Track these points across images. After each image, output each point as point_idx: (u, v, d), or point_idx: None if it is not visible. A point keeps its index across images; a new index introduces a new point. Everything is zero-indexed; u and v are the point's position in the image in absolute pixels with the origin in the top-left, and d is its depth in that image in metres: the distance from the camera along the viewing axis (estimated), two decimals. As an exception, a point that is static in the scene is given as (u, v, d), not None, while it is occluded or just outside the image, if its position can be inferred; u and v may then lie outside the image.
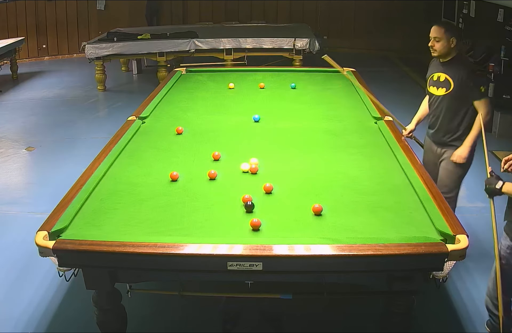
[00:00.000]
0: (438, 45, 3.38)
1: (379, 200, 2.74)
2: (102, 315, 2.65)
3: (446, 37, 3.35)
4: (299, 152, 3.41)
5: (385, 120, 3.87)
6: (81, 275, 2.46)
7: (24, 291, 3.45)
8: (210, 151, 3.32)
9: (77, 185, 2.88)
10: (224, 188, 2.91)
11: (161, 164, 3.24)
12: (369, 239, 2.34)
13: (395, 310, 2.55)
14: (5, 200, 4.78)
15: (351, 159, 3.27)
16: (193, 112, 4.21)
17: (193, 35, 8.11)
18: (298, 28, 9.04)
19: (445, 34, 3.34)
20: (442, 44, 3.37)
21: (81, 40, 9.26)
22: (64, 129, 6.61)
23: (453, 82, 3.42)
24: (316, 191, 2.86)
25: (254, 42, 7.97)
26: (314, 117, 4.09)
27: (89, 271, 2.43)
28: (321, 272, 2.41)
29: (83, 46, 7.83)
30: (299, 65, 7.86)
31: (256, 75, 5.29)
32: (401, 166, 3.10)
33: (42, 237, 2.35)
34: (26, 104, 7.75)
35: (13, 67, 9.02)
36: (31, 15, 10.40)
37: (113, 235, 2.41)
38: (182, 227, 2.51)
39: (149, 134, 3.73)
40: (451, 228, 2.40)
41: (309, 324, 3.13)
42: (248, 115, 4.02)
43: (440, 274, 2.34)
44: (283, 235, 2.42)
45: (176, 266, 2.35)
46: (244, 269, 2.27)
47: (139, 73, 9.46)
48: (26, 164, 5.71)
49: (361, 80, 4.97)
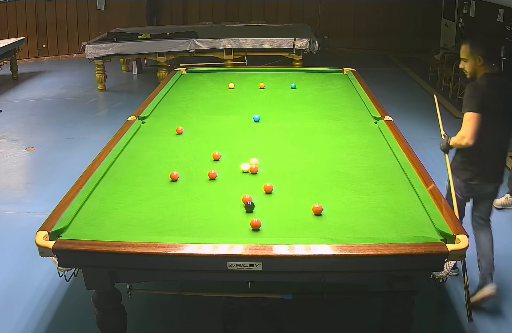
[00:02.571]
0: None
1: (379, 200, 2.74)
2: (102, 315, 2.64)
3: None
4: (299, 152, 3.41)
5: (385, 120, 3.87)
6: (81, 275, 2.46)
7: (24, 291, 3.44)
8: (210, 151, 3.32)
9: (77, 185, 2.88)
10: (224, 188, 2.91)
11: (161, 164, 3.24)
12: (369, 239, 2.34)
13: (395, 310, 2.55)
14: (5, 200, 4.78)
15: (351, 159, 3.27)
16: (193, 112, 4.21)
17: (193, 35, 8.11)
18: (298, 28, 9.05)
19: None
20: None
21: (81, 40, 9.26)
22: (64, 129, 6.60)
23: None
24: (316, 191, 2.86)
25: (254, 42, 7.97)
26: (314, 117, 4.09)
27: (89, 271, 2.43)
28: (321, 272, 2.41)
29: (83, 46, 7.83)
30: (299, 65, 7.87)
31: (256, 75, 5.29)
32: (401, 166, 3.10)
33: (42, 237, 2.35)
34: (26, 104, 7.75)
35: (13, 67, 9.02)
36: (31, 15, 10.40)
37: (113, 235, 2.41)
38: (182, 227, 2.51)
39: (149, 134, 3.73)
40: (451, 228, 2.40)
41: (309, 324, 3.13)
42: (248, 115, 4.02)
43: (440, 274, 2.34)
44: (283, 235, 2.41)
45: (176, 266, 2.35)
46: (244, 269, 2.27)
47: (139, 73, 9.47)
48: (26, 164, 5.71)
49: (361, 80, 4.98)
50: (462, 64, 3.21)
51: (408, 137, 3.76)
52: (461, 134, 3.08)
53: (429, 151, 5.14)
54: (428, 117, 5.82)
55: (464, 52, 3.15)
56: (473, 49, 3.12)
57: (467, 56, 3.14)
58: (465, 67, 3.20)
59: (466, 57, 3.15)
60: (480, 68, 3.14)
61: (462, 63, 3.20)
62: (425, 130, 6.12)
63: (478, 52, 3.11)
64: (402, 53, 10.77)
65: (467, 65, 3.17)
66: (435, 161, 4.60)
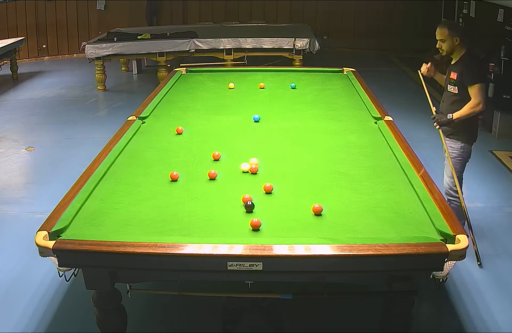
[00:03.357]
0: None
1: (379, 200, 2.74)
2: (102, 315, 2.64)
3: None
4: (299, 152, 3.41)
5: (385, 120, 3.87)
6: (81, 275, 2.46)
7: (24, 291, 3.44)
8: (210, 151, 3.32)
9: (77, 185, 2.88)
10: (224, 188, 2.91)
11: (161, 164, 3.24)
12: (369, 239, 2.34)
13: (395, 310, 2.55)
14: (5, 200, 4.78)
15: (351, 159, 3.27)
16: (193, 112, 4.21)
17: (193, 35, 8.11)
18: (298, 28, 9.04)
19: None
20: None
21: (81, 40, 9.25)
22: (64, 129, 6.60)
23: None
24: (316, 191, 2.86)
25: (254, 42, 7.96)
26: (314, 117, 4.09)
27: (89, 271, 2.43)
28: (321, 272, 2.41)
29: (83, 46, 7.82)
30: (299, 65, 7.86)
31: (256, 75, 5.29)
32: (401, 166, 3.10)
33: (42, 237, 2.35)
34: (26, 104, 7.74)
35: (13, 67, 9.02)
36: (31, 15, 10.39)
37: (113, 235, 2.41)
38: (182, 227, 2.51)
39: (149, 134, 3.73)
40: (451, 228, 2.40)
41: (309, 324, 3.13)
42: (248, 115, 4.02)
43: (440, 274, 2.34)
44: (283, 235, 2.42)
45: (176, 266, 2.35)
46: (244, 269, 2.27)
47: (139, 73, 9.46)
48: (26, 164, 5.71)
49: (361, 80, 4.98)
50: (439, 44, 3.66)
51: (408, 137, 3.77)
52: (475, 103, 3.55)
53: (429, 151, 5.15)
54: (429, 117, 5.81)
55: (443, 34, 3.61)
56: (451, 31, 3.59)
57: (446, 37, 3.60)
58: (442, 46, 3.65)
59: (444, 38, 3.61)
60: (457, 47, 3.64)
61: (440, 43, 3.66)
62: (425, 130, 6.10)
63: (455, 33, 3.59)
64: (402, 53, 10.76)
65: (445, 45, 3.64)
66: (435, 161, 4.60)
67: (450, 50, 3.65)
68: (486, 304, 3.29)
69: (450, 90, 3.73)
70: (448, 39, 3.60)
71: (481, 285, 3.47)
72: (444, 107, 3.80)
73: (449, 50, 3.66)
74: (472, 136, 3.79)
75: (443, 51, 3.68)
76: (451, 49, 3.65)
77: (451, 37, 3.60)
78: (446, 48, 3.65)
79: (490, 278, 3.56)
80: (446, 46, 3.64)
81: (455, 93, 3.69)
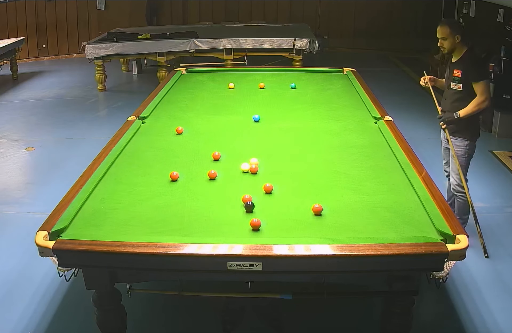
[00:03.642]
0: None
1: (379, 200, 2.74)
2: (102, 315, 2.64)
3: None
4: (299, 152, 3.40)
5: (385, 120, 3.87)
6: (81, 275, 2.46)
7: (24, 291, 3.44)
8: (210, 151, 3.32)
9: (77, 185, 2.88)
10: (224, 188, 2.91)
11: (161, 164, 3.23)
12: (369, 239, 2.34)
13: (395, 310, 2.55)
14: (5, 200, 4.78)
15: (351, 159, 3.27)
16: (193, 112, 4.21)
17: (193, 35, 8.11)
18: (298, 28, 9.04)
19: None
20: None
21: (81, 40, 9.25)
22: (64, 129, 6.60)
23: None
24: (316, 191, 2.86)
25: (254, 42, 7.97)
26: (314, 117, 4.09)
27: (89, 271, 2.43)
28: (321, 272, 2.41)
29: (83, 46, 7.82)
30: (299, 65, 7.86)
31: (256, 75, 5.29)
32: (401, 166, 3.10)
33: (42, 237, 2.35)
34: (26, 104, 7.74)
35: (13, 67, 9.01)
36: (31, 15, 10.39)
37: (113, 235, 2.41)
38: (182, 227, 2.51)
39: (149, 134, 3.73)
40: (451, 228, 2.40)
41: (309, 324, 3.13)
42: (248, 115, 4.02)
43: (440, 274, 2.34)
44: (283, 235, 2.42)
45: (176, 266, 2.35)
46: (244, 269, 2.27)
47: (139, 73, 9.46)
48: (26, 164, 5.71)
49: (361, 80, 4.98)
50: (440, 43, 3.72)
51: (408, 137, 3.76)
52: (482, 99, 3.62)
53: (429, 151, 5.15)
54: (428, 117, 5.81)
55: (444, 32, 3.67)
56: (452, 29, 3.65)
57: (447, 35, 3.66)
58: (443, 44, 3.71)
59: (446, 36, 3.67)
60: (457, 45, 3.70)
61: (441, 41, 3.71)
62: (425, 130, 6.12)
63: (456, 31, 3.66)
64: (402, 53, 10.76)
65: (446, 43, 3.70)
66: (435, 161, 4.60)
67: (451, 48, 3.70)
68: (486, 304, 3.28)
69: (454, 88, 3.75)
70: (449, 37, 3.65)
71: (481, 285, 3.47)
72: (447, 104, 3.83)
73: (451, 48, 3.71)
74: (476, 133, 3.84)
75: (445, 49, 3.74)
76: (453, 47, 3.70)
77: (452, 35, 3.65)
78: (447, 46, 3.70)
79: (490, 278, 3.56)
80: (447, 44, 3.69)
81: (459, 90, 3.72)
